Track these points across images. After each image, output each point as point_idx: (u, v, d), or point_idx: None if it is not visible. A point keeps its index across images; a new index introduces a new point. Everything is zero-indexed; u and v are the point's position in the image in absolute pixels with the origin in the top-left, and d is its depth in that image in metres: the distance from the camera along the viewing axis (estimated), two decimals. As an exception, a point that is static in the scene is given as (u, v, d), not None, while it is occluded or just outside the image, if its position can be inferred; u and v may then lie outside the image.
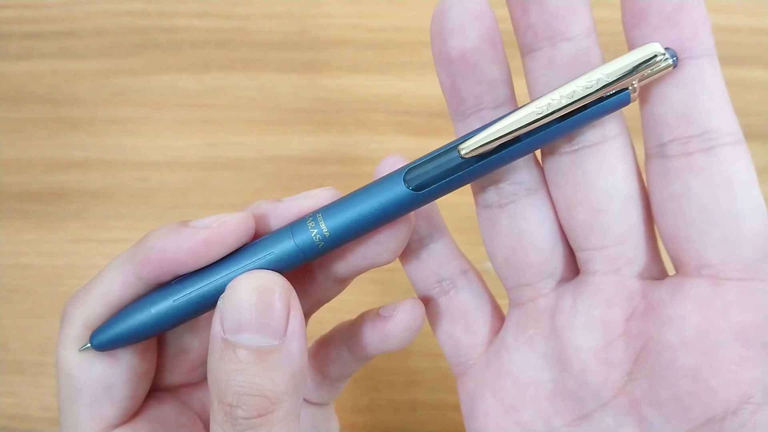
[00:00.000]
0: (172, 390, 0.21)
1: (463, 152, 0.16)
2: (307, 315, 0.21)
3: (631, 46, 0.16)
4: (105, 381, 0.18)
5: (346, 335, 0.21)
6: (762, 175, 0.15)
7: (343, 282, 0.20)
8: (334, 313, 0.22)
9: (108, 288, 0.17)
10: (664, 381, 0.16)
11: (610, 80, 0.15)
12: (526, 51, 0.17)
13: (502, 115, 0.17)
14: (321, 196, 0.18)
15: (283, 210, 0.18)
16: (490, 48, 0.17)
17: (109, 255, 0.36)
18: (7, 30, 0.39)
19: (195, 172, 0.37)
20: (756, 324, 0.15)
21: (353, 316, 0.21)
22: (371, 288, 0.34)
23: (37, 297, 0.35)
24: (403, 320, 0.19)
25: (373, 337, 0.20)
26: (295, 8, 0.39)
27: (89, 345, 0.17)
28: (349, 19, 0.39)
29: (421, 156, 0.17)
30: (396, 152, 0.36)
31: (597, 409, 0.17)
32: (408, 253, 0.20)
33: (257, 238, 0.18)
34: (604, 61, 0.17)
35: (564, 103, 0.16)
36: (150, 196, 0.37)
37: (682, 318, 0.16)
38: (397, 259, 0.20)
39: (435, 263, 0.20)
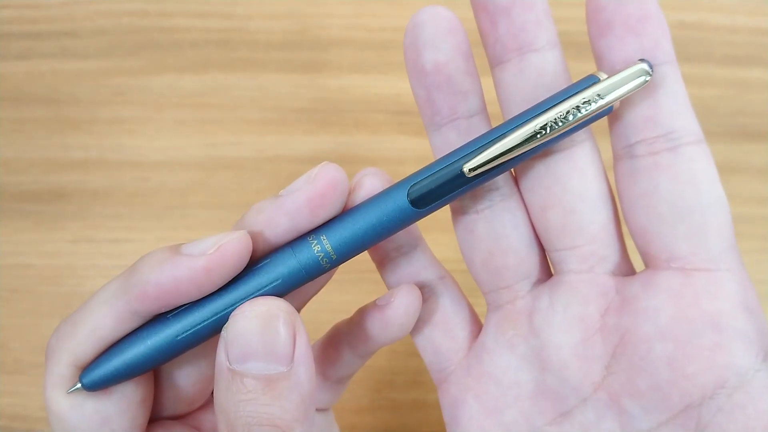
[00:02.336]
0: (181, 417, 0.20)
1: (466, 170, 0.17)
2: (297, 309, 0.21)
3: (596, 55, 0.17)
4: (100, 416, 0.17)
5: (346, 333, 0.21)
6: (762, 175, 0.15)
7: (329, 272, 0.20)
8: (334, 314, 0.22)
9: (98, 323, 0.16)
10: (641, 371, 0.16)
11: (605, 101, 0.16)
12: (495, 62, 0.18)
13: (477, 123, 0.18)
14: (323, 176, 0.17)
15: (287, 209, 0.17)
16: (462, 60, 0.18)
17: (109, 255, 0.36)
18: (7, 30, 0.39)
19: (195, 172, 0.37)
20: (726, 311, 0.16)
21: (348, 318, 0.21)
22: (371, 288, 0.34)
23: (37, 297, 0.35)
24: (401, 305, 0.19)
25: (374, 328, 0.20)
26: (295, 8, 0.39)
27: (79, 385, 0.17)
28: (349, 19, 0.39)
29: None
30: (396, 152, 0.37)
31: (578, 405, 0.18)
32: (386, 261, 0.20)
33: (257, 248, 0.17)
34: (572, 69, 0.18)
35: (561, 121, 0.16)
36: (150, 196, 0.37)
37: (656, 309, 0.17)
38: None
39: (413, 270, 0.20)
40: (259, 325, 0.15)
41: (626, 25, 0.16)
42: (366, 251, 0.20)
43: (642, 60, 0.16)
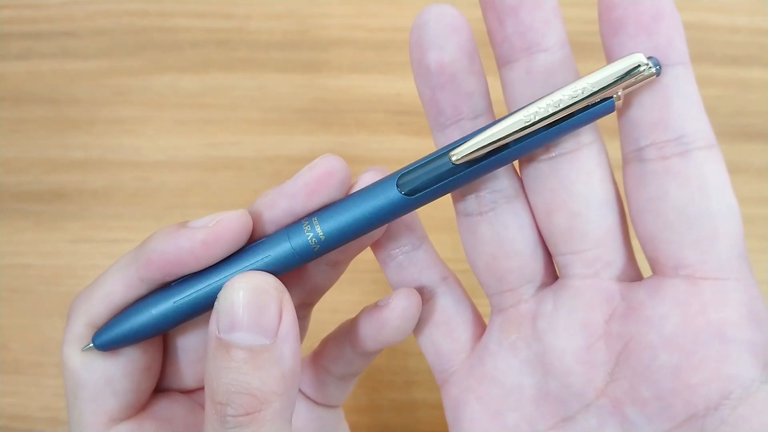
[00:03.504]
0: (189, 392, 0.21)
1: (453, 158, 0.17)
2: (307, 305, 0.21)
3: (608, 55, 0.17)
4: (106, 375, 0.18)
5: (347, 331, 0.21)
6: (762, 175, 0.15)
7: (337, 266, 0.20)
8: (334, 314, 0.22)
9: (111, 288, 0.18)
10: (645, 380, 0.16)
11: (595, 89, 0.16)
12: (503, 62, 0.18)
13: (481, 124, 0.18)
14: (321, 164, 0.18)
15: (286, 192, 0.18)
16: (467, 60, 0.17)
17: (109, 255, 0.36)
18: (7, 30, 0.39)
19: (195, 172, 0.37)
20: (733, 322, 0.16)
21: (353, 316, 0.21)
22: (371, 288, 0.34)
23: (37, 297, 0.35)
24: (398, 307, 0.19)
25: (371, 328, 0.20)
26: (295, 8, 0.39)
27: (92, 345, 0.18)
28: (349, 19, 0.39)
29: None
30: (396, 152, 0.37)
31: (580, 410, 0.18)
32: (389, 260, 0.20)
33: (258, 229, 0.18)
34: (578, 69, 0.17)
35: (551, 111, 0.16)
36: (150, 196, 0.37)
37: (662, 317, 0.16)
38: None
39: (416, 270, 0.20)
40: (248, 298, 0.16)
41: (639, 24, 0.16)
42: (369, 249, 0.20)
43: (650, 58, 0.16)
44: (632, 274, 0.18)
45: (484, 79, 0.18)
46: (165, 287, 0.18)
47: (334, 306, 0.21)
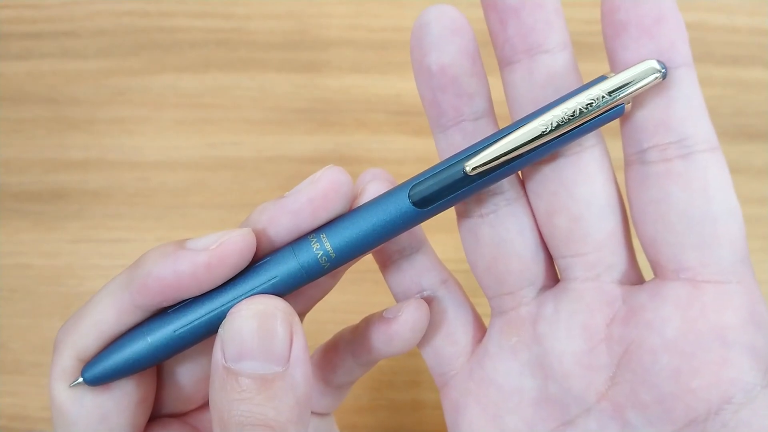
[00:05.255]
0: (180, 415, 0.20)
1: (468, 169, 0.16)
2: (302, 314, 0.21)
3: (610, 57, 0.17)
4: (99, 411, 0.17)
5: (350, 341, 0.21)
6: (762, 175, 0.15)
7: (336, 276, 0.20)
8: (334, 313, 0.22)
9: (101, 316, 0.16)
10: (646, 383, 0.16)
11: (612, 98, 0.16)
12: (504, 63, 0.18)
13: (483, 125, 0.18)
14: (325, 177, 0.17)
15: (289, 208, 0.17)
16: (468, 62, 0.17)
17: (109, 255, 0.36)
18: (7, 30, 0.39)
19: (195, 172, 0.37)
20: (734, 325, 0.16)
21: (353, 316, 0.21)
22: (371, 288, 0.34)
23: (37, 297, 0.35)
24: (408, 321, 0.19)
25: (379, 340, 0.19)
26: (295, 8, 0.39)
27: (81, 380, 0.17)
28: (349, 19, 0.39)
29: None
30: (396, 152, 0.37)
31: (580, 414, 0.17)
32: (389, 263, 0.20)
33: (260, 248, 0.17)
34: (580, 71, 0.17)
35: (568, 119, 0.16)
36: (150, 196, 0.37)
37: (662, 321, 0.16)
38: None
39: (415, 273, 0.20)
40: (256, 324, 0.15)
41: (641, 26, 0.16)
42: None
43: (657, 61, 0.16)
44: (634, 277, 0.18)
45: (486, 80, 0.18)
46: (161, 313, 0.17)
47: (334, 306, 0.21)
